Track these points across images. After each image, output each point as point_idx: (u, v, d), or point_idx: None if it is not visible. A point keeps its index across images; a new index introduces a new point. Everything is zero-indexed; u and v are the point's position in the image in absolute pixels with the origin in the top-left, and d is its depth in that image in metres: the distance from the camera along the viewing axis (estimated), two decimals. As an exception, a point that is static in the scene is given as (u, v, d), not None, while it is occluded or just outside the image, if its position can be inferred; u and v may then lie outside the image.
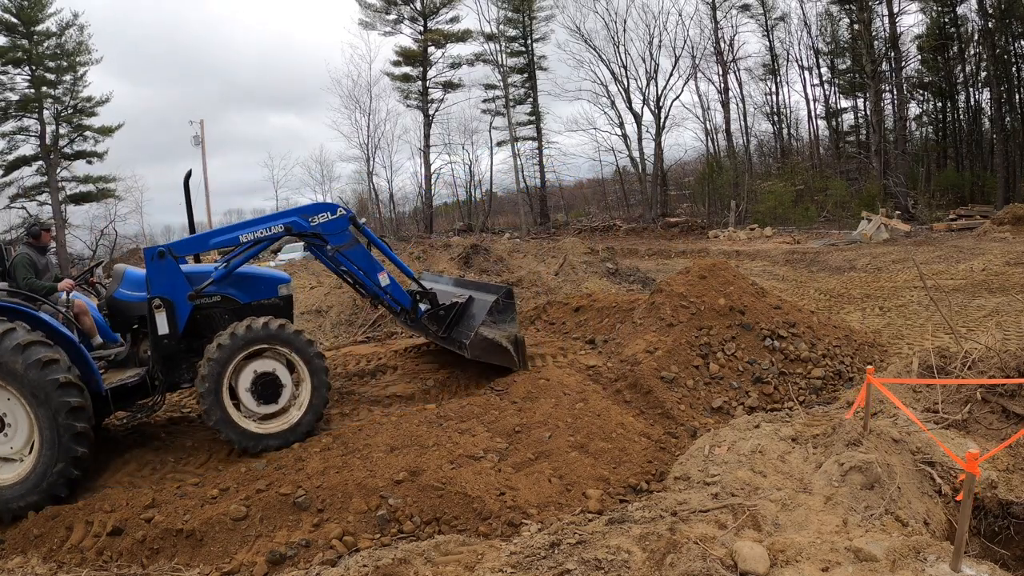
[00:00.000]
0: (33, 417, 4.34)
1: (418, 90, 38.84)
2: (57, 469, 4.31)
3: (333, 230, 5.52)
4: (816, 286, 11.72)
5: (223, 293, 5.42)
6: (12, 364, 4.22)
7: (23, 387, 4.29)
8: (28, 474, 4.29)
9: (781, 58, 34.92)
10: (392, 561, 3.06)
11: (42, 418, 4.33)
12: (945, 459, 3.75)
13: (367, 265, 5.70)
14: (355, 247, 5.62)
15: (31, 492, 4.24)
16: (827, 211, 27.26)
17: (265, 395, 5.03)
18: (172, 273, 5.10)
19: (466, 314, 5.98)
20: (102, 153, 35.31)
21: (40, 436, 4.33)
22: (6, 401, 4.36)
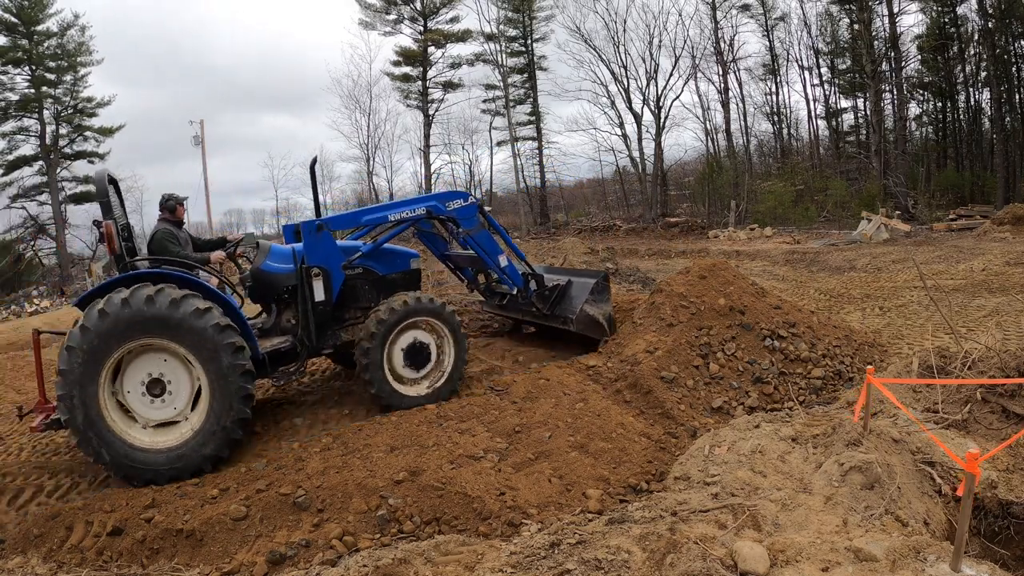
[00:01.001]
0: (204, 380, 4.61)
1: (418, 90, 38.81)
2: (224, 430, 4.62)
3: (465, 215, 6.28)
4: (816, 286, 11.72)
5: (365, 265, 5.95)
6: (190, 328, 4.49)
7: (199, 350, 4.56)
8: (191, 437, 4.56)
9: (781, 58, 34.90)
10: (392, 561, 3.06)
11: (214, 381, 4.60)
12: (945, 459, 3.75)
13: (491, 247, 6.43)
14: (481, 231, 6.35)
15: (199, 450, 4.55)
16: (827, 211, 27.25)
17: (416, 361, 5.62)
18: (328, 245, 5.62)
19: (566, 295, 6.77)
20: (103, 154, 35.32)
21: (210, 398, 4.61)
22: (163, 363, 4.61)
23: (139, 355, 4.57)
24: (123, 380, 4.56)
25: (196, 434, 4.58)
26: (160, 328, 4.46)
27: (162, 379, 4.63)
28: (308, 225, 5.59)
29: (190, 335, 4.51)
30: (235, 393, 4.62)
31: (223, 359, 4.60)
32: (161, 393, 4.63)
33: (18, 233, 34.22)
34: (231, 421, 4.63)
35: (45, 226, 34.38)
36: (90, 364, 4.35)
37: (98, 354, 4.36)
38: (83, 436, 4.34)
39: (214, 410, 4.62)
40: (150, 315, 4.41)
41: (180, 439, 4.57)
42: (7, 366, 10.00)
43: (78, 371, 4.31)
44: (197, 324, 4.51)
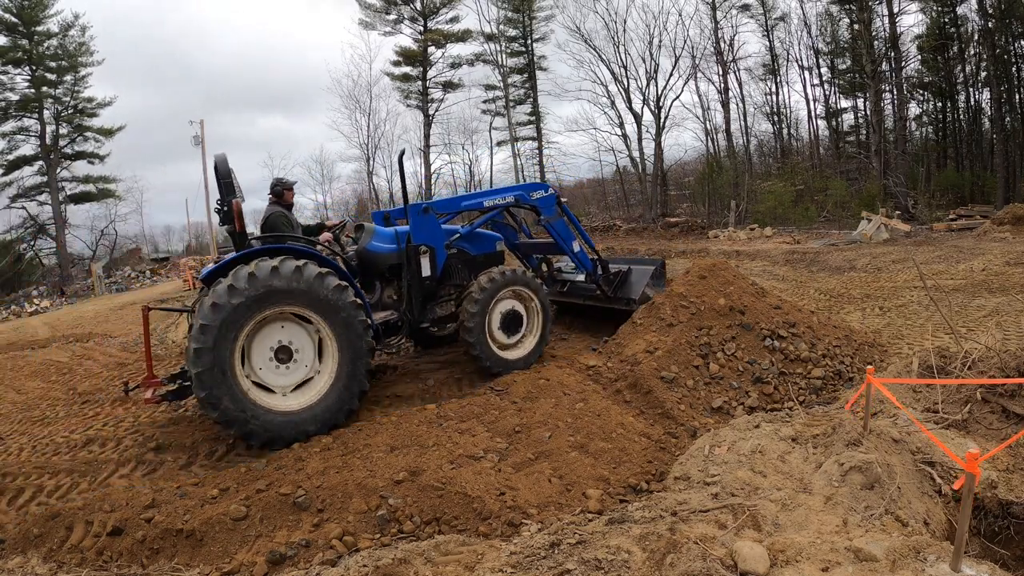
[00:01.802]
0: (333, 342, 5.05)
1: (418, 90, 38.80)
2: (349, 395, 5.12)
3: (546, 204, 7.05)
4: (816, 286, 11.71)
5: (460, 246, 6.56)
6: (328, 300, 4.95)
7: (335, 322, 5.02)
8: (320, 396, 5.00)
9: (781, 58, 34.89)
10: (392, 561, 3.06)
11: (344, 349, 5.06)
12: (945, 459, 3.75)
13: (566, 234, 7.15)
14: (559, 219, 7.10)
15: (326, 413, 4.99)
16: (827, 211, 27.23)
17: (511, 327, 6.31)
18: (433, 226, 6.20)
19: (627, 280, 7.55)
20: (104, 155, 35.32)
21: (339, 357, 5.08)
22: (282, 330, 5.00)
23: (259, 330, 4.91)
24: (251, 357, 4.90)
25: (330, 391, 5.03)
26: (296, 296, 4.86)
27: (288, 345, 5.02)
28: (415, 207, 6.10)
29: (323, 304, 4.95)
30: (360, 357, 5.13)
31: (354, 326, 5.09)
32: (289, 358, 5.03)
33: (18, 233, 34.22)
34: (359, 374, 5.14)
35: (45, 226, 34.39)
36: (225, 337, 4.63)
37: (234, 325, 4.66)
38: (217, 405, 4.60)
39: (343, 367, 5.08)
40: (288, 284, 4.81)
41: (314, 398, 5.00)
42: (7, 366, 10.00)
43: (212, 346, 4.57)
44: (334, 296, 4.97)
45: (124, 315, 17.53)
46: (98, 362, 9.66)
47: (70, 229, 35.36)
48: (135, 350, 10.48)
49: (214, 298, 4.62)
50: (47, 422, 6.56)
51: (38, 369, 9.60)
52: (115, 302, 22.79)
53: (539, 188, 7.13)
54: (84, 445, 5.51)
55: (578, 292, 7.88)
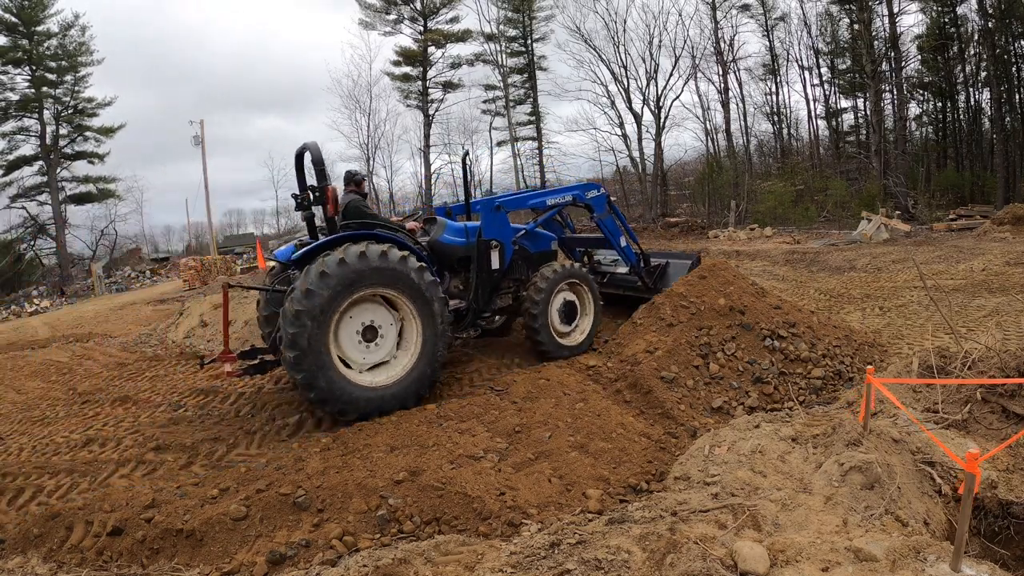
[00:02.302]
0: (418, 325, 5.45)
1: (418, 90, 38.79)
2: (431, 370, 5.51)
3: (598, 203, 7.62)
4: (816, 286, 11.71)
5: (521, 243, 6.95)
6: (412, 282, 5.32)
7: (417, 300, 5.40)
8: (405, 372, 5.38)
9: (781, 58, 34.89)
10: (392, 561, 3.06)
11: (426, 327, 5.44)
12: (945, 459, 3.75)
13: (614, 230, 7.73)
14: (609, 217, 7.69)
15: (416, 384, 5.38)
16: (827, 211, 27.22)
17: (568, 317, 6.76)
18: (503, 222, 6.74)
19: (667, 273, 8.03)
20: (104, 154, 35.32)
21: (421, 341, 5.45)
22: (379, 312, 5.38)
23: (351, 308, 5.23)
24: (339, 337, 5.21)
25: (408, 373, 5.38)
26: (385, 279, 5.23)
27: (374, 326, 5.37)
28: (488, 203, 6.66)
29: (410, 287, 5.33)
30: (441, 336, 5.53)
31: (436, 308, 5.49)
32: (374, 338, 5.38)
33: (18, 233, 34.22)
34: (436, 362, 5.52)
35: (45, 226, 34.39)
36: (320, 321, 4.94)
37: (327, 308, 4.98)
38: (313, 385, 4.92)
39: (424, 352, 5.46)
40: (378, 267, 5.17)
41: (392, 378, 5.35)
42: (7, 366, 10.00)
43: (310, 325, 4.88)
44: (419, 278, 5.36)
45: (124, 315, 17.53)
46: (98, 362, 9.66)
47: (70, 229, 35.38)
48: (135, 350, 10.48)
49: (308, 284, 4.92)
50: (47, 422, 6.56)
51: (38, 369, 9.60)
52: (115, 302, 22.79)
53: (593, 188, 7.76)
54: (84, 445, 5.51)
55: (618, 283, 8.38)
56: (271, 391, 6.76)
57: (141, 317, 16.23)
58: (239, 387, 7.06)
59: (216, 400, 6.66)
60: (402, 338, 5.53)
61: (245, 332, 9.95)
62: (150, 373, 8.36)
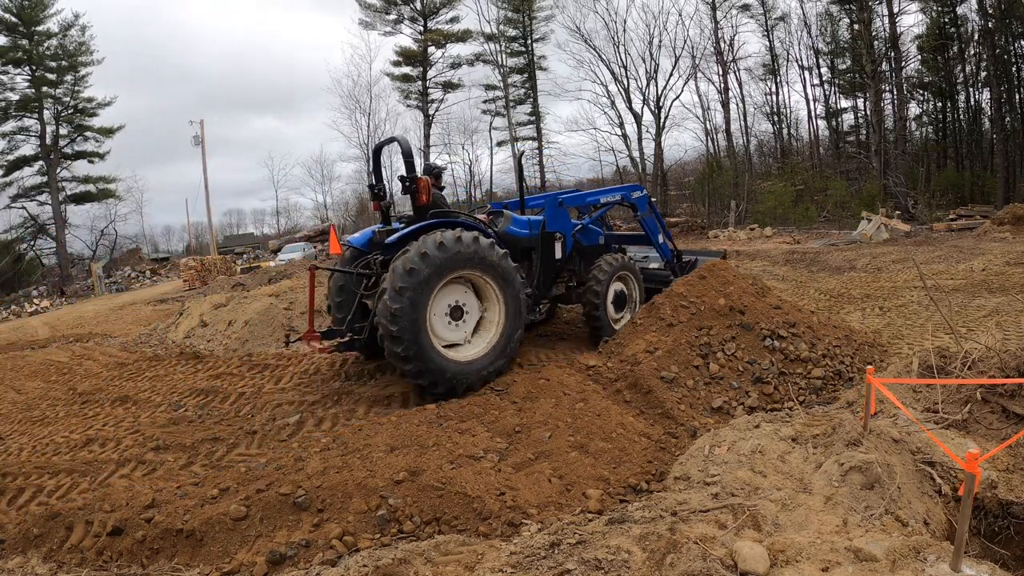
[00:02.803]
0: (500, 307, 6.02)
1: (418, 90, 38.83)
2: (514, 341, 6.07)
3: (641, 203, 8.35)
4: (816, 286, 11.71)
5: (577, 237, 7.54)
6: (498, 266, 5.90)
7: (504, 284, 5.98)
8: (482, 356, 5.85)
9: (781, 58, 34.93)
10: (392, 561, 3.06)
11: (510, 308, 6.03)
12: (945, 459, 3.75)
13: (654, 228, 8.40)
14: (650, 216, 8.39)
15: (497, 359, 5.91)
16: (827, 211, 27.23)
17: (619, 303, 7.52)
18: (565, 217, 7.41)
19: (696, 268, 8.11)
20: (104, 154, 35.32)
21: (504, 321, 6.01)
22: (464, 294, 5.95)
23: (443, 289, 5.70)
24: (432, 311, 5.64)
25: (491, 350, 5.91)
26: (476, 263, 5.75)
27: (461, 306, 5.91)
28: (552, 200, 7.34)
29: (496, 271, 5.89)
30: (521, 317, 6.09)
31: (518, 291, 6.06)
32: (460, 317, 5.91)
33: (18, 233, 34.22)
34: (514, 340, 6.06)
35: (45, 226, 34.39)
36: (419, 299, 5.38)
37: (426, 287, 5.45)
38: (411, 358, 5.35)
39: (505, 331, 5.99)
40: (470, 252, 5.66)
41: (477, 354, 5.82)
42: (7, 366, 10.00)
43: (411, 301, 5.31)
44: (504, 263, 5.96)
45: (124, 315, 17.54)
46: (98, 362, 9.66)
47: (70, 229, 35.41)
48: (135, 350, 10.48)
49: (410, 264, 5.35)
50: (47, 422, 6.56)
51: (38, 369, 9.60)
52: (115, 302, 22.79)
53: (637, 189, 8.55)
54: (84, 445, 5.51)
55: (649, 277, 8.83)
56: (271, 391, 6.76)
57: (141, 317, 16.24)
58: (239, 387, 7.07)
59: (216, 400, 6.66)
60: (483, 318, 6.07)
61: (245, 332, 9.96)
62: (150, 373, 8.36)
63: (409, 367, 5.38)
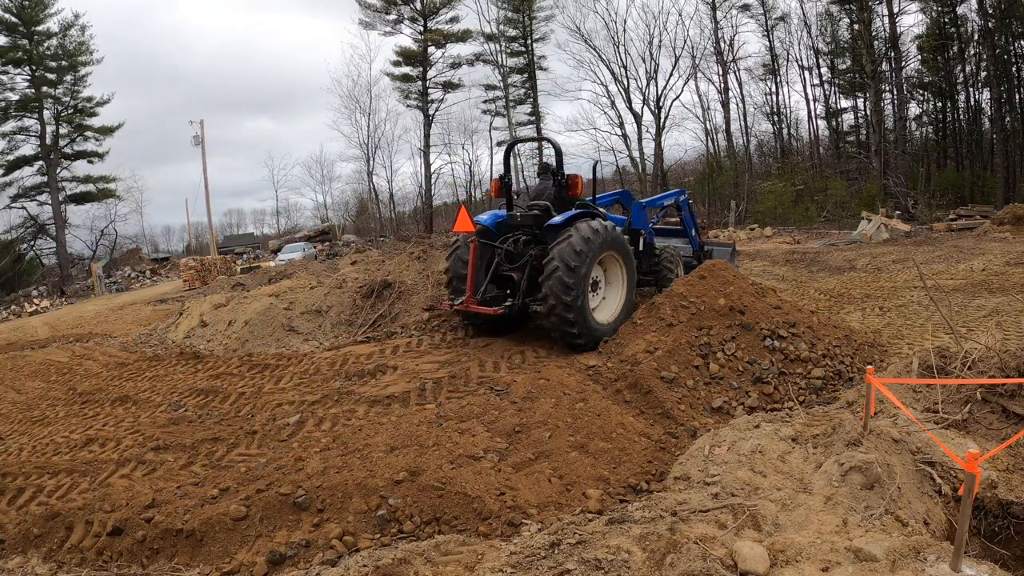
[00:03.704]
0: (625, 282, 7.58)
1: (418, 90, 38.81)
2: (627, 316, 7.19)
3: (685, 204, 10.44)
4: (816, 286, 11.71)
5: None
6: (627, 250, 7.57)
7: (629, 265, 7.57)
8: (613, 319, 7.29)
9: (781, 58, 34.95)
10: (392, 561, 3.06)
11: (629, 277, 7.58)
12: (945, 459, 3.75)
13: (690, 224, 10.54)
14: (689, 215, 10.58)
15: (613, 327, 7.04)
16: (827, 211, 27.24)
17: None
18: (644, 217, 9.18)
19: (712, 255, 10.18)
20: (103, 153, 35.31)
21: (627, 295, 7.56)
22: (602, 272, 7.44)
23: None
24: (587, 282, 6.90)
25: (617, 317, 7.29)
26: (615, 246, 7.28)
27: (597, 280, 7.35)
28: (639, 204, 9.13)
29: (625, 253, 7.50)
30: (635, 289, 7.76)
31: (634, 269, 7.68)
32: (595, 289, 7.33)
33: (18, 233, 34.22)
34: (631, 309, 7.37)
35: (45, 226, 34.39)
36: (583, 274, 6.72)
37: (589, 263, 6.81)
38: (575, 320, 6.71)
39: (627, 301, 7.52)
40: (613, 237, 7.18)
41: (609, 319, 7.27)
42: (7, 366, 10.00)
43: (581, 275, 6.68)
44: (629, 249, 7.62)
45: (124, 315, 17.54)
46: (98, 362, 9.66)
47: (70, 229, 35.40)
48: (135, 350, 10.48)
49: (579, 245, 6.68)
50: (47, 422, 6.56)
51: (38, 369, 9.60)
52: (115, 302, 22.79)
53: (683, 193, 10.54)
54: (84, 445, 5.51)
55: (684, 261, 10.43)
56: (271, 391, 6.77)
57: (141, 317, 16.24)
58: (239, 387, 7.07)
59: (216, 400, 6.66)
60: (610, 290, 7.54)
61: (245, 332, 9.95)
62: (150, 373, 8.36)
63: (575, 329, 6.71)
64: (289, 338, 9.61)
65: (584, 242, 6.70)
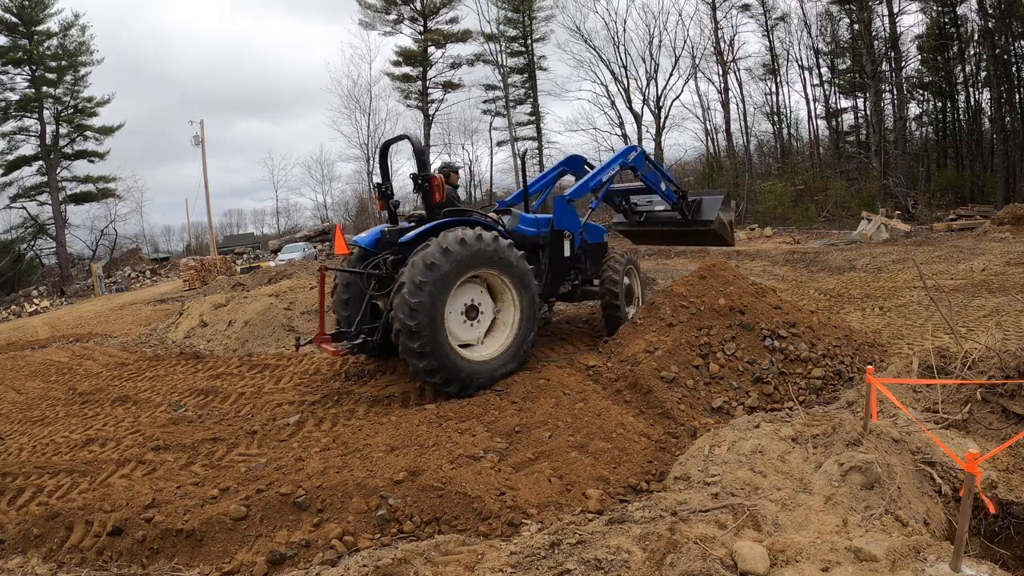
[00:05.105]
0: (516, 308, 5.93)
1: (418, 90, 38.84)
2: (527, 343, 5.98)
3: (639, 163, 8.18)
4: (816, 286, 11.71)
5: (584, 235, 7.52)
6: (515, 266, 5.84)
7: (521, 287, 5.91)
8: (503, 350, 5.82)
9: (781, 58, 34.95)
10: (392, 561, 3.06)
11: (524, 302, 5.95)
12: (945, 459, 3.75)
13: (655, 180, 8.46)
14: (650, 171, 8.38)
15: (509, 362, 5.80)
16: (827, 211, 27.25)
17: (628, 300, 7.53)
18: (573, 215, 7.34)
19: (701, 207, 8.87)
20: (103, 153, 35.31)
21: (520, 322, 5.94)
22: (480, 293, 5.86)
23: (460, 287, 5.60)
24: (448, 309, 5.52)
25: (504, 351, 5.82)
26: (495, 262, 5.69)
27: (476, 305, 5.82)
28: (561, 199, 7.27)
29: (514, 271, 5.83)
30: (534, 320, 6.02)
31: (533, 292, 6.01)
32: (475, 317, 5.82)
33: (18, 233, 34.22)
34: (527, 342, 5.98)
35: (45, 226, 34.39)
36: (437, 295, 5.28)
37: (445, 283, 5.35)
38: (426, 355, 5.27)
39: (519, 332, 5.91)
40: (490, 250, 5.61)
41: (491, 354, 5.74)
42: (7, 366, 10.00)
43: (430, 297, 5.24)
44: (522, 264, 5.91)
45: (124, 315, 17.53)
46: (98, 362, 9.66)
47: (70, 229, 35.40)
48: (135, 350, 10.48)
49: (431, 259, 5.26)
50: (47, 422, 6.56)
51: (38, 369, 9.60)
52: (115, 302, 22.79)
53: (631, 151, 8.30)
54: (84, 445, 5.51)
55: (656, 221, 9.26)
56: (271, 391, 6.76)
57: (141, 317, 16.23)
58: (239, 387, 7.07)
59: (216, 400, 6.66)
60: (497, 319, 5.98)
61: (245, 332, 9.95)
62: (150, 373, 8.36)
63: (424, 363, 5.29)
64: (289, 338, 9.61)
65: (442, 255, 5.28)
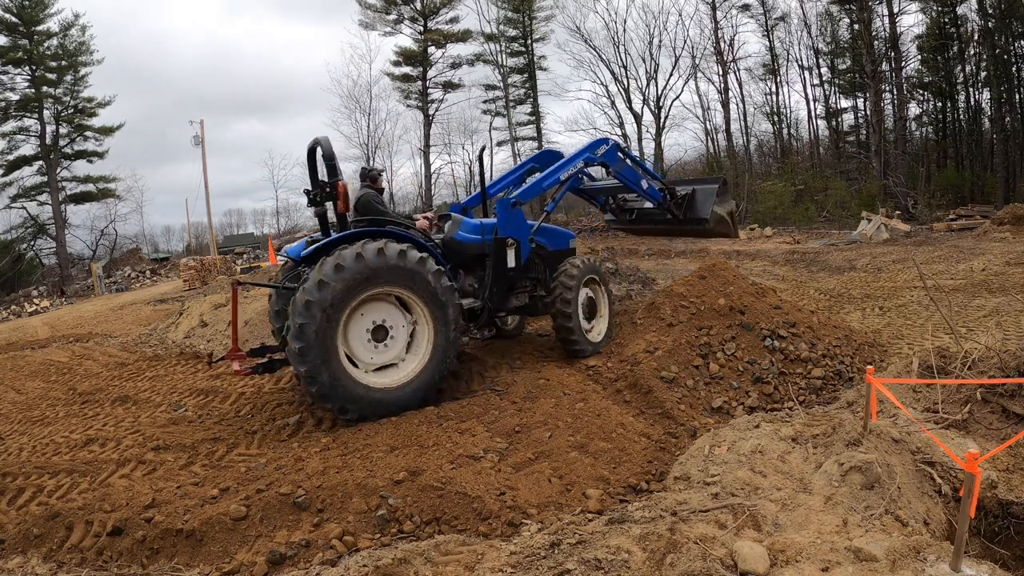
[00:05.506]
0: (430, 330, 5.30)
1: (418, 90, 38.81)
2: (438, 378, 5.35)
3: (611, 157, 7.16)
4: (816, 286, 11.71)
5: (539, 241, 6.74)
6: (428, 284, 5.19)
7: (435, 306, 5.26)
8: (406, 381, 5.21)
9: (781, 58, 34.91)
10: (392, 561, 3.06)
11: (439, 333, 5.30)
12: (945, 459, 3.75)
13: (633, 177, 7.42)
14: (624, 166, 7.30)
15: (417, 392, 5.21)
16: (827, 211, 27.24)
17: (589, 313, 6.64)
18: (520, 220, 6.46)
19: (694, 202, 7.76)
20: (104, 153, 35.31)
21: (432, 347, 5.30)
22: (392, 313, 5.25)
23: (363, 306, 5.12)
24: (347, 335, 5.07)
25: (415, 377, 5.24)
26: (402, 279, 5.10)
27: (384, 326, 5.22)
28: (504, 202, 6.37)
29: (426, 289, 5.20)
30: (453, 343, 5.40)
31: (451, 313, 5.32)
32: (384, 339, 5.24)
33: (18, 233, 34.21)
34: (445, 368, 5.39)
35: (45, 226, 34.38)
36: (330, 315, 4.81)
37: (339, 303, 4.86)
38: (317, 379, 4.81)
39: (434, 357, 5.30)
40: (396, 266, 5.03)
41: (398, 381, 5.21)
42: (7, 366, 10.00)
43: (319, 317, 4.76)
44: (437, 281, 5.25)
45: (124, 315, 17.53)
46: (98, 362, 9.66)
47: (70, 229, 35.38)
48: (135, 350, 10.48)
49: (322, 276, 4.79)
50: (47, 422, 6.56)
51: (38, 369, 9.60)
52: (115, 302, 22.78)
53: (601, 144, 7.26)
54: (84, 445, 5.51)
55: (648, 219, 8.35)
56: (271, 391, 6.76)
57: (141, 317, 16.23)
58: (239, 387, 7.06)
59: (216, 400, 6.66)
60: (412, 341, 5.38)
61: (245, 332, 9.95)
62: (150, 373, 8.36)
63: (315, 388, 4.85)
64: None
65: (335, 272, 4.81)
